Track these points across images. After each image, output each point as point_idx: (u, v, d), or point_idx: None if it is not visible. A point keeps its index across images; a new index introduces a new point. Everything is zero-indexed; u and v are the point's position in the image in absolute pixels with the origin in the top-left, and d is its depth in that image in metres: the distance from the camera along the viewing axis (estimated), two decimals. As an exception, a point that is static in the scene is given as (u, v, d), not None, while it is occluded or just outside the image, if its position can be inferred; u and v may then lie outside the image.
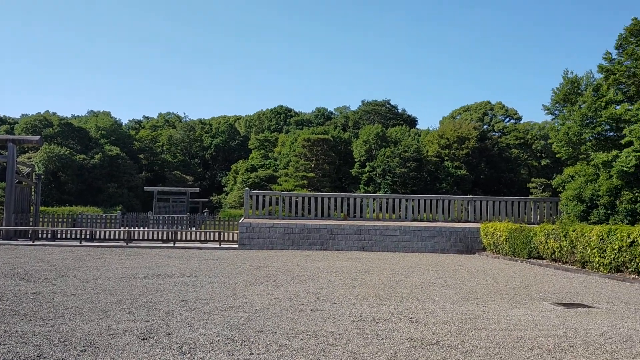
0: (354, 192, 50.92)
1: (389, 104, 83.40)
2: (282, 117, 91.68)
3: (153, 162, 79.18)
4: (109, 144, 72.27)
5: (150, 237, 23.39)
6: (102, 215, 28.58)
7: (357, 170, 60.53)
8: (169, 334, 5.95)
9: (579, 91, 23.46)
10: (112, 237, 23.49)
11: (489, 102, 74.63)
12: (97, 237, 23.44)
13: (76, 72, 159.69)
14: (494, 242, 19.58)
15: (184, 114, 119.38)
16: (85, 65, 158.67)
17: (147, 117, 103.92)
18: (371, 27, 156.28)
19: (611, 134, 22.27)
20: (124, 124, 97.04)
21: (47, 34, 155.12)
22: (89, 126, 79.38)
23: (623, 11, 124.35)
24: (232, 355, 5.18)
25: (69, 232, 23.79)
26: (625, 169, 19.18)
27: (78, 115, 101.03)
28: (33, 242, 21.14)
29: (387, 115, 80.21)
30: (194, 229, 29.54)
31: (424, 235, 21.03)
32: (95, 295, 8.63)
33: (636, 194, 19.29)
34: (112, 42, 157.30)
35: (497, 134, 68.31)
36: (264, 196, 23.52)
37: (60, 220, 25.80)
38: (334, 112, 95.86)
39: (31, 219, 25.52)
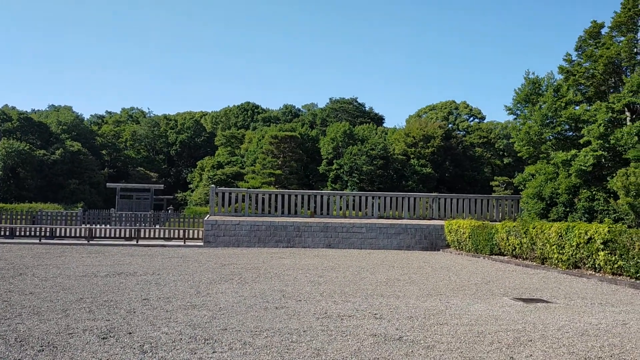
0: (321, 190, 51.02)
1: (357, 102, 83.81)
2: (249, 113, 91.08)
3: (116, 158, 77.69)
4: (70, 140, 70.57)
5: (113, 235, 22.96)
6: (62, 212, 27.91)
7: (324, 167, 60.65)
8: (130, 333, 5.86)
9: (540, 91, 24.02)
10: (73, 234, 22.95)
11: (454, 102, 75.77)
12: (58, 234, 22.88)
13: (36, 66, 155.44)
14: (457, 239, 19.90)
15: (148, 109, 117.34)
16: (46, 58, 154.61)
17: (110, 112, 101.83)
18: (338, 26, 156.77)
19: (570, 133, 22.90)
20: (86, 119, 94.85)
21: (5, 26, 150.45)
22: (50, 121, 77.33)
23: (585, 13, 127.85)
24: (195, 353, 5.13)
25: (28, 229, 23.15)
26: (583, 167, 19.75)
27: (38, 110, 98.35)
28: (-10, 239, 20.50)
29: (355, 114, 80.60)
30: (158, 226, 29.12)
31: (390, 233, 21.22)
32: (54, 293, 8.43)
33: (594, 192, 19.88)
34: (73, 35, 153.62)
35: (461, 132, 69.40)
36: (230, 193, 23.34)
37: (19, 217, 25.06)
38: (301, 109, 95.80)
39: (-12, 216, 24.72)
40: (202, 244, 20.81)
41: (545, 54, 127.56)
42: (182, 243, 21.34)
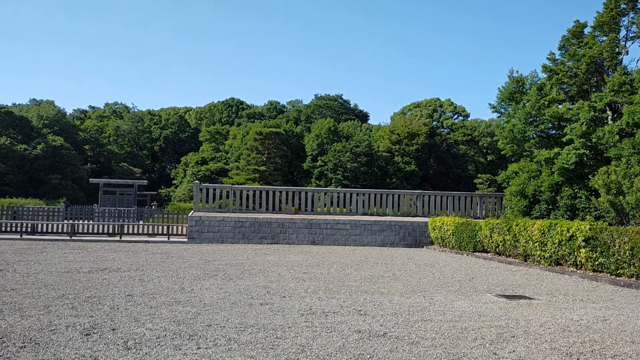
0: (306, 186, 51.00)
1: (341, 98, 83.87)
2: (234, 109, 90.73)
3: (99, 154, 76.90)
4: (52, 134, 69.66)
5: (96, 231, 22.74)
6: (44, 207, 27.57)
7: (309, 164, 60.66)
8: (113, 329, 5.81)
9: (524, 90, 24.23)
10: (54, 230, 22.68)
11: (439, 99, 76.16)
12: (39, 230, 22.59)
13: (17, 59, 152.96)
14: (441, 236, 20.03)
15: (132, 104, 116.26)
16: (27, 51, 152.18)
17: (93, 107, 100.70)
18: (324, 23, 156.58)
19: (553, 131, 23.15)
20: (68, 114, 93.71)
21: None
22: (31, 115, 76.25)
23: (568, 12, 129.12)
24: (179, 349, 5.11)
25: (8, 224, 22.81)
26: (565, 165, 19.99)
27: (19, 104, 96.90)
28: (-31, 235, 20.19)
29: (339, 110, 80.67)
30: (141, 222, 28.90)
31: (374, 229, 21.29)
32: (36, 290, 8.33)
33: (575, 190, 20.14)
34: (55, 28, 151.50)
35: (445, 130, 69.80)
36: (214, 189, 23.24)
37: (-1, 212, 24.72)
38: (286, 105, 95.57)
39: (-33, 211, 24.34)
40: (186, 240, 20.70)
41: (529, 52, 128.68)
42: (166, 239, 21.20)
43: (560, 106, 22.85)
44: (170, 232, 21.82)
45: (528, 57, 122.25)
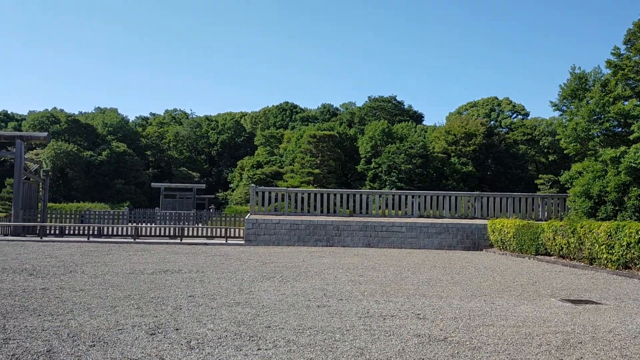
0: (360, 189, 50.88)
1: (395, 100, 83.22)
2: (288, 113, 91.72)
3: (160, 159, 79.44)
4: (116, 141, 72.55)
5: (158, 233, 23.48)
6: (109, 211, 28.70)
7: (362, 166, 60.49)
8: (177, 329, 5.97)
9: (587, 87, 23.31)
10: (119, 233, 23.60)
11: (496, 98, 74.33)
12: (105, 233, 23.55)
13: (83, 69, 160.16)
14: (501, 239, 19.52)
15: (191, 110, 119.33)
16: (92, 61, 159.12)
17: (154, 114, 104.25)
18: (376, 24, 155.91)
19: (619, 129, 22.15)
20: (130, 121, 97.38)
21: (52, 30, 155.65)
22: (96, 123, 79.68)
23: (632, 6, 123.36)
24: (240, 350, 5.19)
25: (76, 228, 23.92)
26: (633, 165, 19.07)
27: (85, 112, 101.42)
28: (41, 238, 21.26)
29: (393, 112, 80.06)
30: (200, 225, 29.61)
31: (431, 232, 20.99)
32: (103, 290, 8.67)
33: (644, 190, 19.17)
34: (118, 38, 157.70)
35: (504, 129, 68.04)
36: (269, 192, 23.52)
37: (67, 216, 25.94)
38: (339, 108, 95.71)
39: (39, 215, 25.66)
40: (243, 242, 21.05)
41: (591, 48, 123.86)
42: (224, 241, 21.64)
43: (626, 103, 21.84)
44: (227, 235, 22.27)
45: (591, 53, 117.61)
